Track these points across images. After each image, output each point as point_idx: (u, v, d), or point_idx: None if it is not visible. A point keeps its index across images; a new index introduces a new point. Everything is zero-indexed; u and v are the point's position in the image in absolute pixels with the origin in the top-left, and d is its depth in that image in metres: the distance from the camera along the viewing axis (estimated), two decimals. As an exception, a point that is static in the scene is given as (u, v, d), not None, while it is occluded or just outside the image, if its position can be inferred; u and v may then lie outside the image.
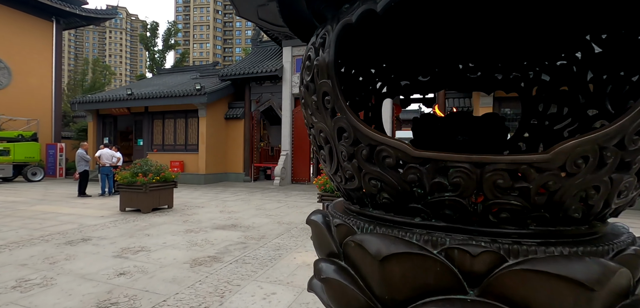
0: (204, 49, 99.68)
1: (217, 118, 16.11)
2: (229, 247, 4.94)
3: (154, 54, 31.91)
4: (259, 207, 8.84)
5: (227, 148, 16.70)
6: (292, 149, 15.87)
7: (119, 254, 4.55)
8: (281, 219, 7.16)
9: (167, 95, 15.10)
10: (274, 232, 5.95)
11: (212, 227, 6.27)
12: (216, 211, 8.07)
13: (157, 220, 6.88)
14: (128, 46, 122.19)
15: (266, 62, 16.35)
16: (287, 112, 15.68)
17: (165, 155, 16.25)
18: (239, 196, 11.00)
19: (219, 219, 7.06)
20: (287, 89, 15.59)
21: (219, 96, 15.57)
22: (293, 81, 15.58)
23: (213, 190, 12.59)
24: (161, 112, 16.57)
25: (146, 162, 7.97)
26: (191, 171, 15.64)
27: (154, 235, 5.59)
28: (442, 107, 13.32)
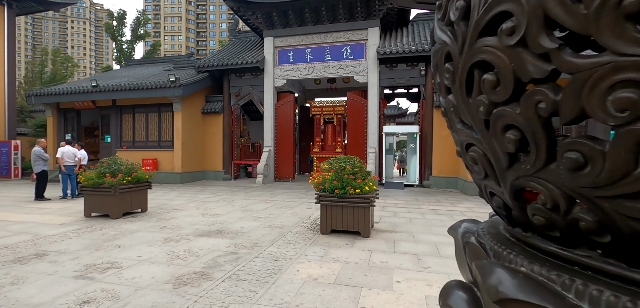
0: (176, 42, 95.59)
1: (194, 112, 15.05)
2: (217, 259, 4.23)
3: (121, 45, 29.82)
4: (245, 208, 8.10)
5: (205, 144, 15.68)
6: (275, 145, 15.13)
7: (82, 274, 3.73)
8: (272, 222, 6.49)
9: (138, 87, 13.87)
10: (267, 238, 5.28)
11: (194, 234, 5.50)
12: (197, 214, 7.26)
13: (129, 227, 6.00)
14: (92, 37, 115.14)
15: (246, 53, 15.44)
16: (269, 106, 14.89)
17: (136, 152, 15.00)
18: (220, 196, 10.17)
19: (202, 224, 6.28)
20: (269, 82, 14.79)
21: (195, 89, 14.52)
22: (275, 73, 14.80)
23: (191, 190, 11.65)
24: (131, 106, 15.26)
25: (115, 161, 7.02)
26: (166, 169, 14.52)
27: (126, 247, 4.76)
28: (430, 100, 13.07)
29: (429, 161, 13.08)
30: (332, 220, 5.46)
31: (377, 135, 13.59)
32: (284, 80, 14.72)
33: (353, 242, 5.05)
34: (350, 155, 5.84)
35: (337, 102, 16.13)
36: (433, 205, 8.84)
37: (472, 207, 8.62)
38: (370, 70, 13.55)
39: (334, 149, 16.07)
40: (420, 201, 9.49)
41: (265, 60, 14.70)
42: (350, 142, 14.31)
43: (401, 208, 8.28)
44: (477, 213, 7.65)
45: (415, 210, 7.94)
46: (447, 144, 12.81)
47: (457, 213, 7.62)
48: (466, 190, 11.20)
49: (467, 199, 9.98)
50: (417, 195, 10.71)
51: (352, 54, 13.92)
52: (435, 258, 4.34)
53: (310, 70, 14.35)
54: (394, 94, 18.71)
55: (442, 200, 9.66)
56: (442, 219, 6.91)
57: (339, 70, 14.03)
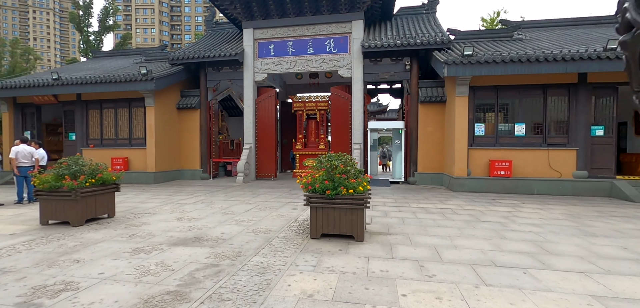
0: (149, 35, 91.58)
1: (168, 108, 14.13)
2: (195, 274, 3.68)
3: (87, 36, 27.93)
4: (225, 210, 7.50)
5: (181, 142, 14.80)
6: (256, 142, 14.49)
7: (26, 300, 3.08)
8: (256, 226, 5.96)
9: (105, 80, 12.81)
10: (252, 246, 4.76)
11: (169, 243, 4.89)
12: (172, 219, 6.60)
13: (92, 236, 5.29)
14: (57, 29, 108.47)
15: (224, 46, 14.65)
16: (249, 102, 14.21)
17: (105, 151, 13.93)
18: (198, 197, 9.48)
19: (177, 230, 5.66)
20: (249, 76, 14.10)
21: (169, 82, 13.61)
22: (256, 67, 14.14)
23: (166, 191, 10.85)
24: (98, 101, 14.13)
25: (76, 161, 6.23)
26: (138, 169, 13.56)
27: (87, 261, 4.11)
28: (415, 95, 12.87)
29: (414, 157, 12.90)
30: (323, 224, 5.01)
31: (361, 131, 13.26)
32: (265, 74, 14.08)
33: (347, 248, 4.62)
34: (334, 152, 5.42)
35: (320, 98, 15.67)
36: (423, 203, 8.58)
37: (462, 203, 8.43)
38: (355, 64, 13.17)
39: (317, 146, 15.63)
40: (408, 199, 9.22)
41: (244, 53, 13.99)
42: (334, 138, 13.90)
43: (391, 207, 7.95)
44: (468, 211, 7.44)
45: (405, 209, 7.63)
46: (432, 140, 12.67)
47: (449, 212, 7.37)
48: (452, 186, 11.07)
49: (454, 196, 9.82)
50: (404, 193, 10.45)
51: (336, 48, 13.48)
52: (438, 265, 3.99)
53: (292, 64, 13.79)
54: (376, 89, 18.47)
55: (431, 198, 9.44)
56: (435, 219, 6.63)
57: (323, 64, 13.56)
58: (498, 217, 6.80)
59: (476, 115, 11.19)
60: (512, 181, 10.68)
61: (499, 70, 10.08)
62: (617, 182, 10.03)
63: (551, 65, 9.77)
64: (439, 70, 11.13)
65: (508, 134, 11.07)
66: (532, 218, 6.78)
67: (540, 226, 6.06)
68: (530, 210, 7.62)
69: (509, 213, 7.20)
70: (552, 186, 10.47)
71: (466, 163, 10.93)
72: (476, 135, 11.16)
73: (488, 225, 6.11)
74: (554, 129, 10.83)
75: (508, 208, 7.90)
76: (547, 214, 7.19)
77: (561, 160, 10.63)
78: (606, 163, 10.56)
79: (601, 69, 9.57)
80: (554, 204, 8.53)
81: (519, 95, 10.96)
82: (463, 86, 10.81)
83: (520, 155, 10.82)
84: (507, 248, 4.66)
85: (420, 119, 12.75)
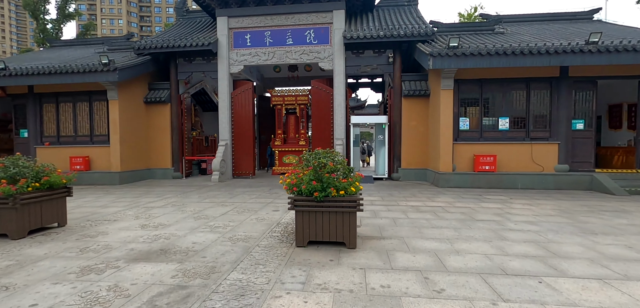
0: (116, 26, 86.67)
1: (134, 101, 12.99)
2: (157, 301, 2.99)
3: (44, 24, 25.65)
4: (198, 214, 6.73)
5: (150, 138, 13.68)
6: (233, 139, 13.64)
7: None
8: (233, 233, 5.27)
9: (61, 71, 11.51)
10: (229, 259, 4.09)
11: (128, 258, 4.13)
12: (136, 226, 5.78)
13: (34, 252, 4.42)
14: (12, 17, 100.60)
15: (197, 35, 13.64)
16: (225, 95, 13.32)
17: (62, 149, 12.62)
18: (168, 199, 8.60)
19: (141, 240, 4.88)
20: (223, 68, 13.20)
21: (135, 74, 12.47)
22: (231, 58, 13.26)
23: (132, 193, 9.85)
24: (53, 94, 12.75)
25: (15, 161, 5.27)
26: (101, 168, 12.37)
27: (18, 288, 3.29)
28: (398, 89, 12.50)
29: (397, 153, 12.55)
30: (310, 230, 4.41)
31: (344, 126, 12.75)
32: (241, 66, 13.23)
33: (339, 257, 4.06)
34: (315, 148, 4.85)
35: (299, 91, 15.03)
36: (411, 201, 8.18)
37: (451, 200, 8.10)
38: (336, 56, 12.61)
39: (297, 142, 15.01)
40: (395, 196, 8.80)
41: (218, 43, 13.06)
42: (315, 134, 13.31)
43: (379, 206, 7.48)
44: (459, 209, 7.09)
45: (395, 208, 7.18)
46: (416, 134, 12.37)
47: (440, 210, 6.99)
48: (438, 182, 10.80)
49: (441, 192, 9.51)
50: (390, 190, 10.05)
51: (316, 39, 12.86)
52: (444, 276, 3.51)
53: (270, 56, 13.03)
54: (357, 83, 18.04)
55: (418, 195, 9.07)
56: (428, 219, 6.21)
57: (302, 56, 12.89)
58: (491, 215, 6.48)
59: (460, 110, 10.96)
60: (496, 176, 10.55)
61: (484, 63, 9.85)
62: (597, 175, 10.11)
63: (535, 58, 9.64)
64: (424, 62, 10.78)
65: (492, 128, 10.93)
66: (526, 215, 6.52)
67: (537, 224, 5.77)
68: (520, 207, 7.39)
69: (501, 211, 6.92)
70: (535, 180, 10.43)
71: (451, 158, 10.69)
72: (461, 129, 10.94)
73: (484, 224, 5.76)
74: (536, 123, 10.79)
75: (498, 204, 7.64)
76: (539, 210, 6.97)
77: (543, 154, 10.61)
78: (586, 157, 10.64)
79: (583, 62, 9.55)
80: (541, 199, 8.39)
81: (503, 89, 10.83)
82: (448, 79, 10.52)
83: (504, 150, 10.70)
84: (512, 252, 4.27)
85: (404, 113, 12.40)
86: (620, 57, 9.35)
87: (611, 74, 10.35)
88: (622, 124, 12.36)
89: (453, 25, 14.16)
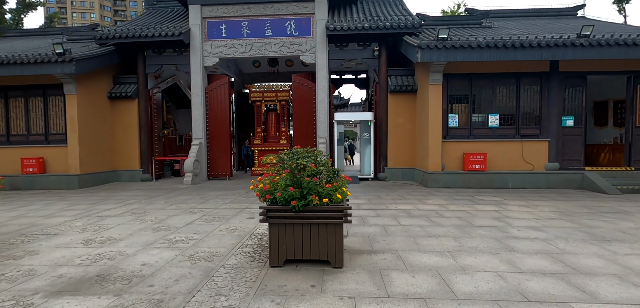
0: (88, 20, 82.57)
1: (97, 97, 11.76)
2: (67, 363, 2.11)
3: (2, 14, 23.57)
4: (159, 225, 5.79)
5: (115, 138, 12.47)
6: (208, 137, 12.63)
7: None
8: (196, 249, 4.40)
9: (8, 61, 10.17)
10: (183, 287, 3.24)
11: (50, 290, 3.20)
12: (78, 242, 4.80)
13: None
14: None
15: (167, 24, 12.52)
16: (198, 90, 12.29)
17: (12, 150, 11.27)
18: (129, 206, 7.57)
19: (77, 262, 3.93)
20: (197, 60, 12.17)
21: (97, 65, 11.26)
22: (205, 50, 12.25)
23: (90, 198, 8.73)
24: (2, 89, 11.35)
25: None
26: (58, 171, 11.10)
27: None
28: (384, 84, 11.86)
29: (384, 151, 11.91)
30: (287, 246, 3.62)
31: (327, 123, 12.00)
32: (216, 58, 12.24)
33: (322, 281, 3.28)
34: (297, 147, 4.07)
35: (280, 87, 14.17)
36: (400, 203, 7.51)
37: (443, 202, 7.49)
38: (319, 49, 11.83)
39: (278, 141, 14.16)
40: (383, 198, 8.12)
41: (190, 33, 12.02)
42: (296, 132, 12.50)
43: (366, 210, 6.77)
44: (454, 213, 6.48)
45: (384, 213, 6.48)
46: (403, 132, 11.78)
47: (433, 214, 6.35)
48: (426, 182, 10.22)
49: (431, 193, 8.92)
50: (376, 191, 9.37)
51: (297, 30, 12.04)
52: (454, 305, 2.80)
53: (247, 48, 12.10)
54: (341, 79, 17.33)
55: (407, 196, 8.43)
56: (422, 225, 5.53)
57: (282, 48, 12.04)
58: (490, 220, 5.88)
59: (449, 106, 10.43)
60: (487, 175, 10.07)
61: (475, 56, 9.33)
62: (588, 174, 9.80)
63: (528, 51, 9.20)
64: (412, 55, 10.17)
65: (482, 126, 10.45)
66: (526, 218, 5.97)
67: (542, 230, 5.20)
68: (518, 209, 6.85)
69: (499, 214, 6.35)
70: (526, 179, 10.02)
71: (441, 157, 10.13)
72: (450, 126, 10.41)
73: (486, 232, 5.13)
74: (526, 119, 10.39)
75: (494, 207, 7.09)
76: (538, 213, 6.45)
77: (533, 152, 10.23)
78: (576, 155, 10.34)
79: (575, 56, 9.18)
80: (536, 199, 7.92)
81: (493, 84, 10.37)
82: (437, 73, 9.95)
83: (494, 148, 10.24)
84: (526, 268, 3.63)
85: (390, 109, 11.78)
86: (611, 51, 9.05)
87: (601, 70, 10.08)
88: (608, 121, 12.20)
89: (440, 18, 13.68)
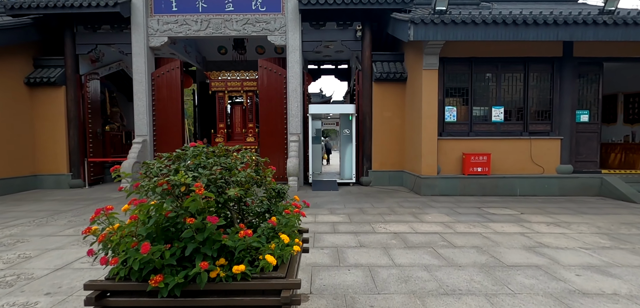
0: None
1: (10, 82, 9.31)
2: None
3: None
4: (11, 269, 3.63)
5: (36, 133, 10.02)
6: (155, 134, 10.37)
7: None
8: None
9: None
10: None
11: None
12: None
13: None
14: None
15: (103, -5, 10.16)
16: (141, 76, 10.01)
17: None
18: (9, 229, 5.30)
19: None
20: (139, 39, 9.90)
21: (7, 41, 8.83)
22: (150, 26, 9.99)
23: (-32, 216, 6.36)
24: None
25: None
26: (-50, 177, 8.58)
27: None
28: (368, 71, 9.98)
29: (368, 151, 10.05)
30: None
31: (300, 117, 10.01)
32: (164, 37, 10.00)
33: None
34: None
35: (246, 76, 12.05)
36: (391, 221, 5.61)
37: (448, 220, 5.66)
38: (290, 28, 9.82)
39: (244, 139, 12.06)
40: (368, 214, 6.20)
41: (131, 5, 9.73)
42: (263, 127, 10.43)
43: (345, 235, 4.82)
44: (466, 237, 4.63)
45: (369, 241, 4.56)
46: (391, 128, 9.96)
47: (439, 241, 4.49)
48: (419, 188, 8.42)
49: (428, 205, 7.09)
50: (359, 201, 7.47)
51: (264, 5, 9.98)
52: None
53: (203, 25, 9.93)
54: (320, 69, 15.36)
55: (398, 210, 6.56)
56: (429, 266, 3.64)
57: (246, 27, 9.95)
58: (523, 252, 4.07)
59: (446, 97, 8.68)
60: (490, 180, 8.37)
61: (479, 34, 7.57)
62: (608, 178, 8.28)
63: (541, 29, 7.52)
64: (402, 34, 8.34)
65: (484, 120, 8.76)
66: (572, 249, 4.20)
67: (608, 272, 3.42)
68: (547, 230, 5.10)
69: (530, 241, 4.56)
70: (536, 184, 8.40)
71: (436, 158, 8.36)
72: (446, 121, 8.66)
73: (528, 280, 3.29)
74: (536, 113, 8.78)
75: (514, 227, 5.31)
76: (580, 237, 4.71)
77: (543, 151, 8.63)
78: (591, 155, 8.82)
79: (596, 37, 7.56)
80: (558, 212, 6.24)
81: (497, 70, 8.68)
82: (432, 56, 8.16)
83: (498, 147, 8.57)
84: None
85: (376, 101, 9.92)
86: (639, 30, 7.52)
87: (621, 55, 8.58)
88: (617, 117, 10.82)
89: (431, -2, 11.94)
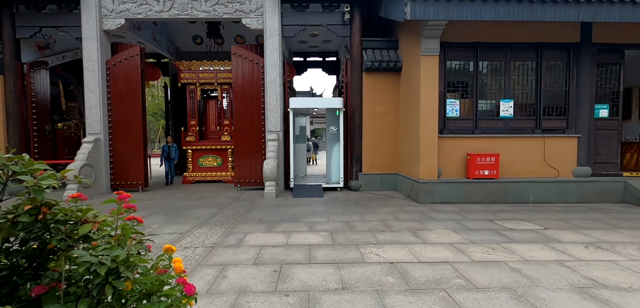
0: None
1: None
2: None
3: None
4: None
5: (-35, 131, 8.51)
6: (111, 131, 8.94)
7: None
8: None
9: None
10: None
11: None
12: None
13: None
14: None
15: (49, -31, 8.71)
16: (94, 64, 8.58)
17: None
18: None
19: None
20: (91, 21, 8.47)
21: None
22: (104, 6, 8.57)
23: None
24: None
25: None
26: None
27: None
28: (358, 60, 8.73)
29: (357, 151, 8.80)
30: None
31: (280, 112, 8.71)
32: (121, 19, 8.59)
33: None
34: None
35: (221, 67, 10.71)
36: (385, 242, 4.35)
37: (458, 239, 4.43)
38: (268, 9, 8.52)
39: (219, 137, 10.73)
40: (357, 231, 4.93)
41: (80, -20, 8.32)
42: (238, 124, 9.09)
43: (323, 265, 3.54)
44: (489, 271, 3.40)
45: (356, 276, 3.29)
46: (384, 124, 8.73)
47: (451, 276, 3.25)
48: (417, 194, 7.20)
49: (429, 216, 5.86)
50: (346, 212, 6.19)
51: (239, -16, 8.66)
52: None
53: (166, 5, 8.56)
54: (305, 62, 14.08)
55: (392, 223, 5.31)
56: (444, 326, 2.38)
57: (217, 8, 8.61)
58: (573, 295, 2.86)
59: (447, 88, 7.48)
60: (499, 185, 7.20)
61: (487, 14, 6.36)
62: (632, 182, 7.19)
63: (559, 8, 6.35)
64: (397, 14, 7.10)
65: (490, 115, 7.59)
66: (628, 281, 3.00)
67: None
68: (586, 253, 3.91)
69: (571, 273, 3.35)
70: (552, 190, 7.25)
71: (436, 160, 7.15)
72: (448, 116, 7.46)
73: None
74: (549, 107, 7.65)
75: (544, 250, 4.11)
76: (625, 260, 3.53)
77: (558, 151, 7.50)
78: (611, 156, 7.72)
79: (622, 18, 6.44)
80: (587, 226, 5.08)
81: (506, 57, 7.52)
82: (432, 39, 6.95)
83: (507, 146, 7.41)
84: None
85: (366, 94, 8.70)
86: (671, 10, 6.42)
87: (644, 41, 7.53)
88: (632, 113, 9.80)
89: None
